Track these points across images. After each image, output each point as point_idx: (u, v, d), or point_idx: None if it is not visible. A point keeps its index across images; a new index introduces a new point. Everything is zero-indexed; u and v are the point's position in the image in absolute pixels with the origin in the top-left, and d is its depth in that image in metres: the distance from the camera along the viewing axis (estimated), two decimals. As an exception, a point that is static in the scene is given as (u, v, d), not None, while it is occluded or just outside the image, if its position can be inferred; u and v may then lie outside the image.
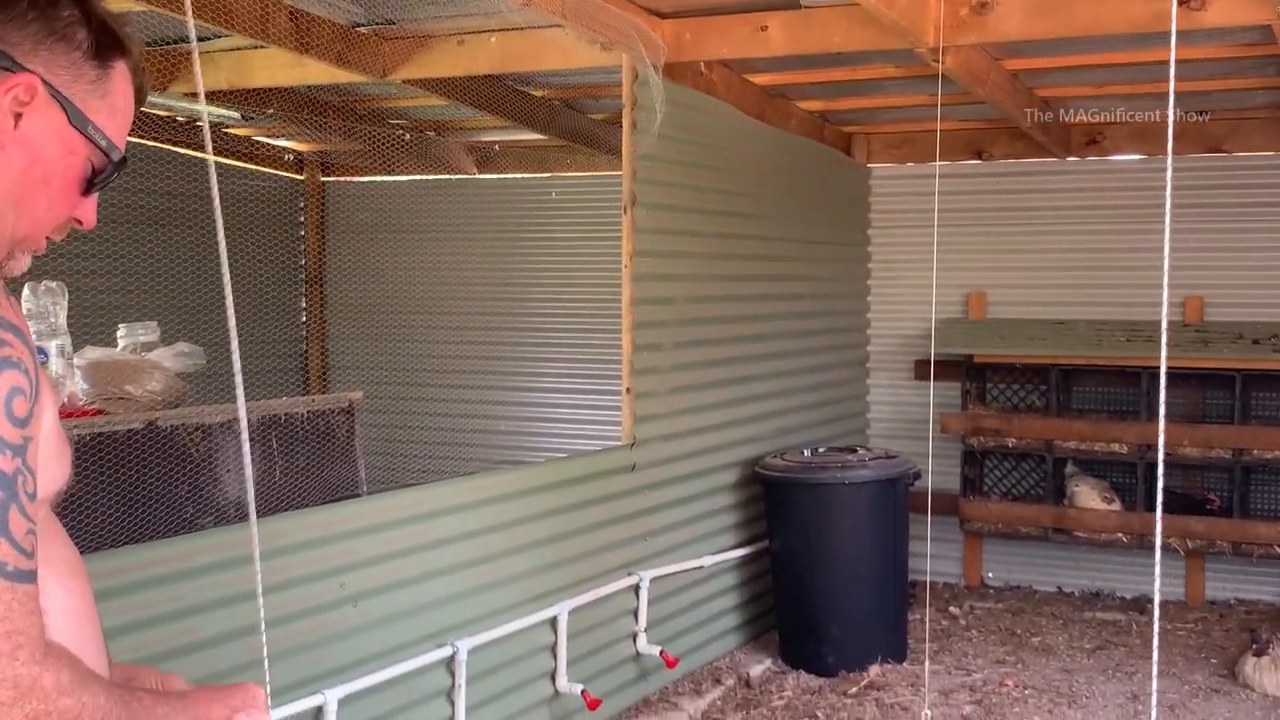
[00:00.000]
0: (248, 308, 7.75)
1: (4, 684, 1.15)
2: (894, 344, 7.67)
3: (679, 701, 5.21)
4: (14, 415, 1.22)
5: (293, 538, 3.52)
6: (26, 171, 1.37)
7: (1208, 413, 6.86)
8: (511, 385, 8.36)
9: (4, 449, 1.20)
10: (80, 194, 1.44)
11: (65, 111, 1.38)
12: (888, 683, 5.51)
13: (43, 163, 1.38)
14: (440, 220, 8.58)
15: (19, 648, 1.17)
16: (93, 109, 1.41)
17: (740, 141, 5.99)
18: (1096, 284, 7.15)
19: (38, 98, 1.35)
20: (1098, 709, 5.25)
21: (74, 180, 1.42)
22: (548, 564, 4.57)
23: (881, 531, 5.72)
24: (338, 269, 8.87)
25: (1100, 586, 7.21)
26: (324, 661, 3.57)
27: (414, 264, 8.59)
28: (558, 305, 8.27)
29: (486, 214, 8.46)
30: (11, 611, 1.18)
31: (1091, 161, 7.24)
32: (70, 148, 1.40)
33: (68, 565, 1.42)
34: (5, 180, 1.36)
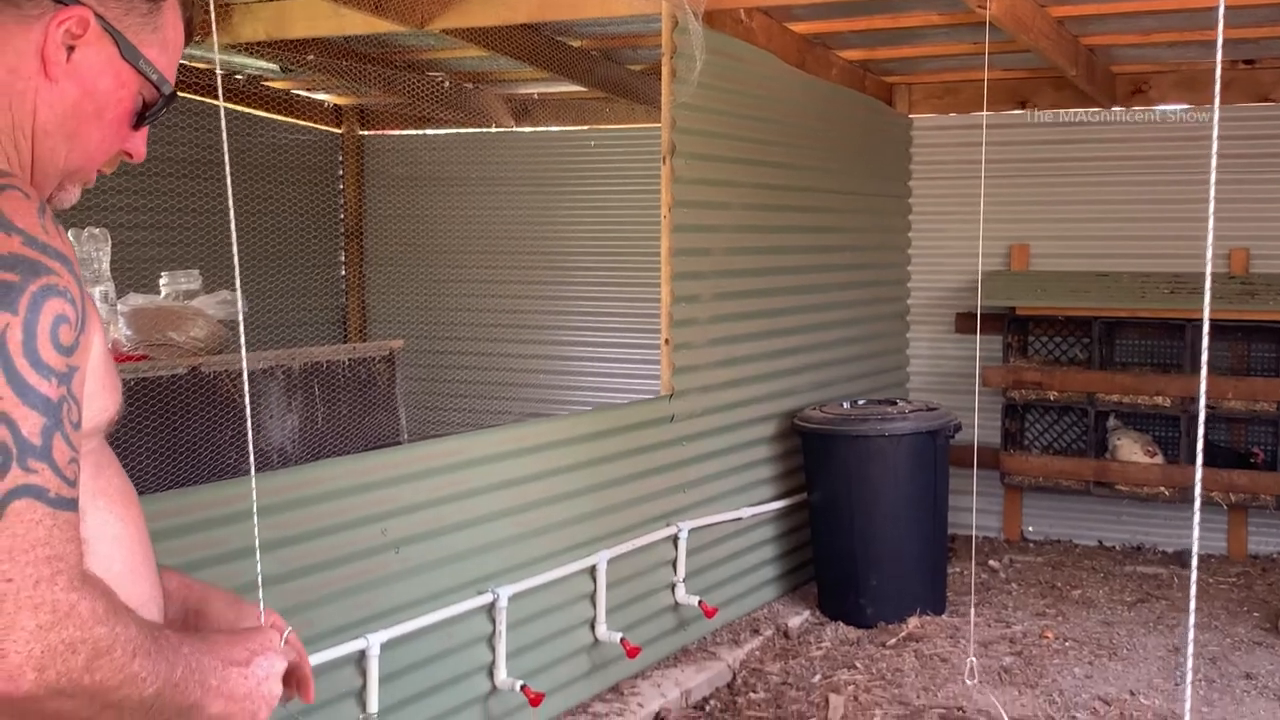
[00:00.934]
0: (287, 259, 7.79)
1: (42, 608, 1.16)
2: (935, 296, 7.61)
3: (717, 651, 5.22)
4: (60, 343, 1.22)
5: (335, 484, 3.54)
6: (79, 104, 1.37)
7: (1252, 366, 6.78)
8: (550, 337, 8.37)
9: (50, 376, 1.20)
10: (131, 127, 1.44)
11: (117, 45, 1.38)
12: (926, 634, 5.51)
13: (95, 96, 1.38)
14: (478, 173, 8.57)
15: (58, 573, 1.18)
16: (144, 42, 1.41)
17: (780, 91, 5.93)
18: (1141, 235, 7.07)
19: (90, 30, 1.35)
20: (1138, 661, 5.23)
21: (125, 113, 1.42)
22: (587, 513, 4.58)
23: (921, 484, 5.70)
24: (376, 222, 8.89)
25: (1141, 540, 7.17)
26: (367, 606, 3.60)
27: (452, 217, 8.59)
28: (597, 258, 8.26)
29: (525, 167, 8.44)
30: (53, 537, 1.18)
31: (1137, 111, 7.13)
32: (122, 81, 1.40)
33: (120, 494, 1.43)
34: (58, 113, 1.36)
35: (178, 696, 1.31)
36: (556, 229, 8.36)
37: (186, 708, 1.34)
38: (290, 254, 7.73)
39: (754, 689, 4.93)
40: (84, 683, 1.19)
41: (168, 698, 1.29)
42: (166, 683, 1.28)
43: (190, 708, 1.34)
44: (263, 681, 1.43)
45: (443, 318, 8.50)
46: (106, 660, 1.21)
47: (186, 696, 1.32)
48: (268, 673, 1.44)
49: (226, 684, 1.39)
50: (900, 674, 5.04)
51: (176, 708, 1.32)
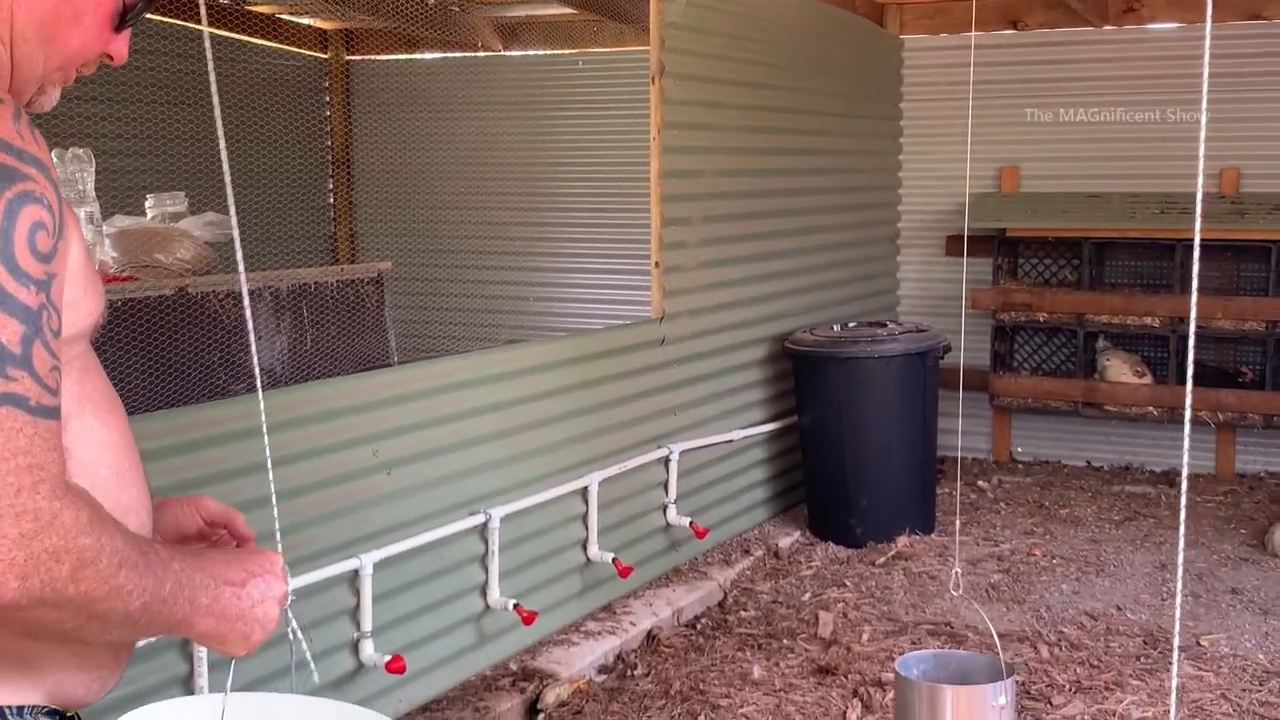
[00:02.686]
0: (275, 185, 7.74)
1: (25, 515, 1.15)
2: (925, 219, 7.59)
3: (708, 571, 5.28)
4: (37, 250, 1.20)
5: (325, 405, 3.55)
6: (57, 9, 1.35)
7: (1241, 285, 6.79)
8: (540, 262, 8.35)
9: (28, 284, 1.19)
10: (112, 30, 1.42)
11: None
12: (915, 553, 5.57)
13: (72, 1, 1.36)
14: (466, 97, 8.49)
15: (40, 482, 1.17)
16: None
17: (770, 11, 5.87)
18: (1131, 155, 7.04)
19: None
20: (1125, 577, 5.29)
21: (105, 17, 1.40)
22: (578, 436, 4.60)
23: (911, 405, 5.72)
24: (364, 147, 8.82)
25: (1130, 460, 7.22)
26: (359, 527, 3.63)
27: (440, 142, 8.52)
28: (586, 182, 8.21)
29: (513, 91, 8.36)
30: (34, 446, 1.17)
31: (1129, 30, 7.07)
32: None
33: (105, 400, 1.43)
34: (35, 19, 1.35)
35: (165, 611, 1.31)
36: (546, 153, 8.30)
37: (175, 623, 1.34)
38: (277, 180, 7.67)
39: (745, 607, 4.98)
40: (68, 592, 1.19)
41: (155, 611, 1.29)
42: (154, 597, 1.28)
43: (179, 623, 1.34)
44: (258, 604, 1.42)
45: (432, 243, 8.47)
46: (91, 570, 1.20)
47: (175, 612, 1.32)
48: (264, 595, 1.43)
49: (218, 603, 1.38)
50: (889, 591, 5.10)
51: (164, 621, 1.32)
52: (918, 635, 4.60)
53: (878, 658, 4.36)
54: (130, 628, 1.29)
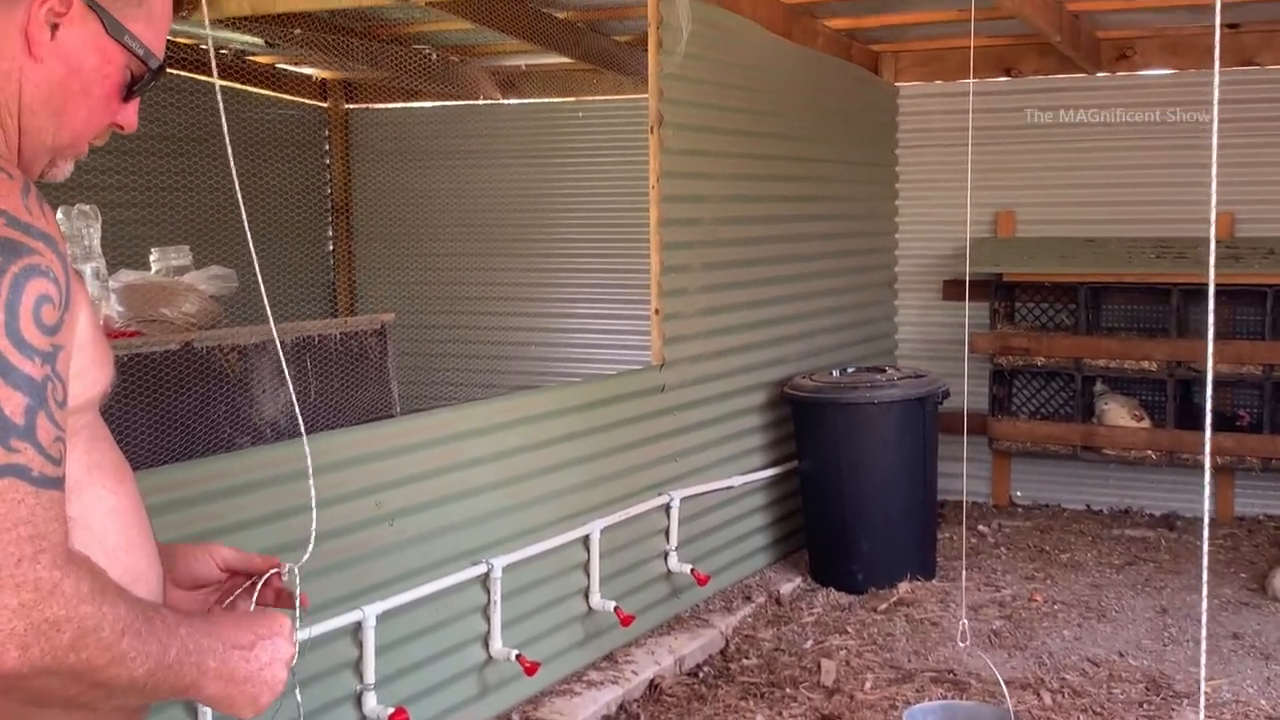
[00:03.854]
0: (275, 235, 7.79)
1: (25, 586, 1.16)
2: (922, 264, 7.64)
3: (710, 618, 5.27)
4: (43, 323, 1.23)
5: (329, 457, 3.56)
6: (65, 82, 1.38)
7: (1238, 329, 6.82)
8: (541, 309, 8.39)
9: (33, 356, 1.21)
10: (120, 100, 1.45)
11: (102, 21, 1.39)
12: (917, 599, 5.56)
13: (81, 73, 1.39)
14: (466, 146, 8.56)
15: (41, 551, 1.18)
16: (129, 17, 1.42)
17: (767, 60, 5.94)
18: (1126, 201, 7.10)
19: (74, 8, 1.36)
20: (1126, 623, 5.29)
21: (113, 88, 1.43)
22: (579, 484, 4.61)
23: (910, 450, 5.74)
24: (364, 196, 8.88)
25: (1129, 504, 7.23)
26: (362, 578, 3.63)
27: (440, 190, 8.58)
28: (586, 229, 8.26)
29: (512, 139, 8.44)
30: (35, 516, 1.19)
31: (1121, 77, 7.15)
32: (108, 57, 1.41)
33: (114, 467, 1.44)
34: (43, 91, 1.37)
35: (171, 676, 1.31)
36: (545, 201, 8.36)
37: (182, 687, 1.35)
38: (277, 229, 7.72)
39: (747, 655, 4.97)
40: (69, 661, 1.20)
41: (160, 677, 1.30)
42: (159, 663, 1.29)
43: (186, 687, 1.35)
44: (266, 666, 1.43)
45: (432, 291, 8.51)
46: (93, 639, 1.21)
47: (182, 677, 1.33)
48: (272, 658, 1.44)
49: (226, 666, 1.39)
50: (891, 638, 5.09)
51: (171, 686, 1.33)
52: (921, 683, 4.59)
53: (881, 706, 4.36)
54: (136, 694, 1.29)
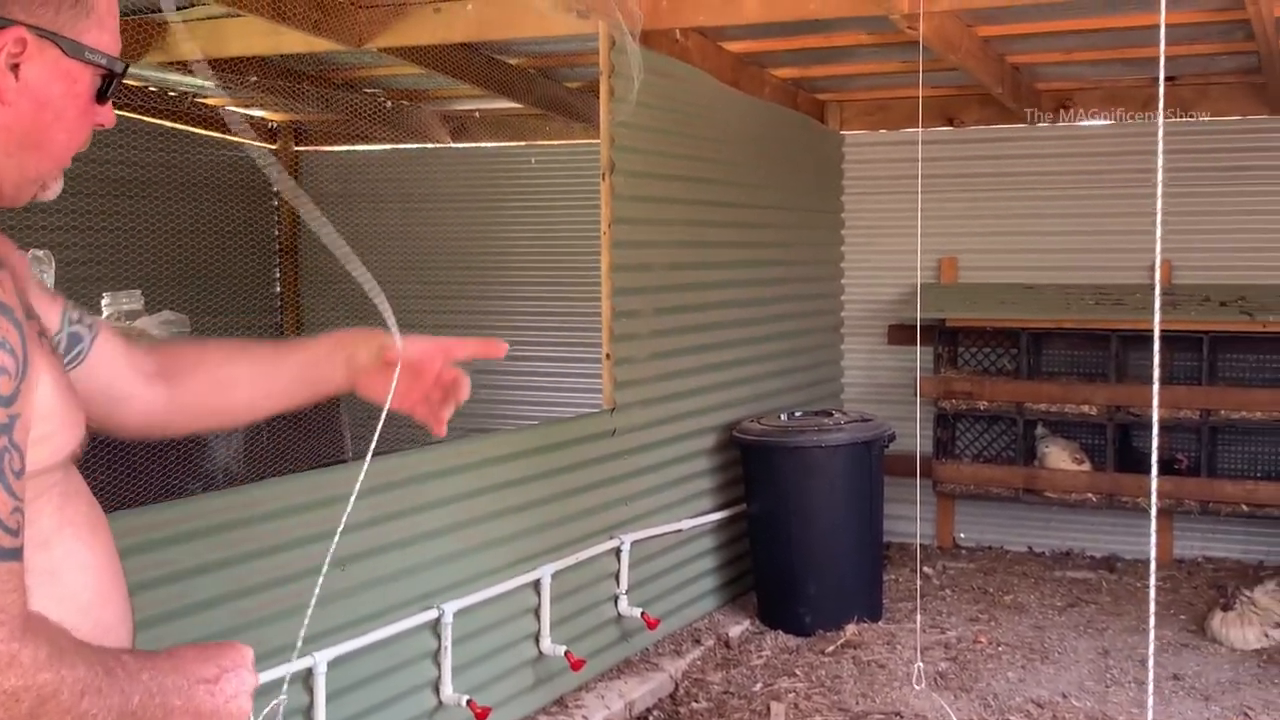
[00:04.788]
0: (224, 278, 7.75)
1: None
2: (868, 309, 7.75)
3: (660, 662, 5.29)
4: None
5: (281, 502, 3.56)
6: (38, 117, 1.40)
7: (1176, 374, 6.96)
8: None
9: None
10: (95, 104, 1.47)
11: (59, 46, 1.40)
12: (864, 641, 5.61)
13: (50, 104, 1.41)
14: (416, 190, 8.58)
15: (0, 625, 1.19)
16: (81, 30, 1.42)
17: (716, 109, 6.03)
18: (1065, 248, 7.25)
19: (29, 45, 1.37)
20: (1069, 664, 5.37)
21: (85, 104, 1.45)
22: (531, 528, 4.63)
23: (857, 493, 5.81)
24: (311, 239, 8.84)
25: (1070, 546, 7.34)
26: (314, 624, 3.61)
27: (390, 234, 8.58)
28: (537, 273, 8.30)
29: (463, 183, 8.47)
30: None
31: (1061, 127, 7.31)
32: (73, 78, 1.43)
33: (88, 521, 1.46)
34: (18, 133, 1.39)
35: None
36: (496, 245, 8.39)
37: None
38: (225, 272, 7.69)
39: (696, 699, 4.99)
40: None
41: None
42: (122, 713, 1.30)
43: None
44: (231, 699, 1.44)
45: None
46: (52, 705, 1.22)
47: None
48: (236, 690, 1.45)
49: (193, 702, 1.40)
50: (839, 680, 5.14)
51: None
52: (868, 725, 4.64)
53: (829, 749, 4.39)
54: None
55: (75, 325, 1.64)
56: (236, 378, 1.84)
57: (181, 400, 1.78)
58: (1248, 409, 6.61)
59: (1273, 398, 6.54)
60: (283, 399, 1.91)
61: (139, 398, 1.73)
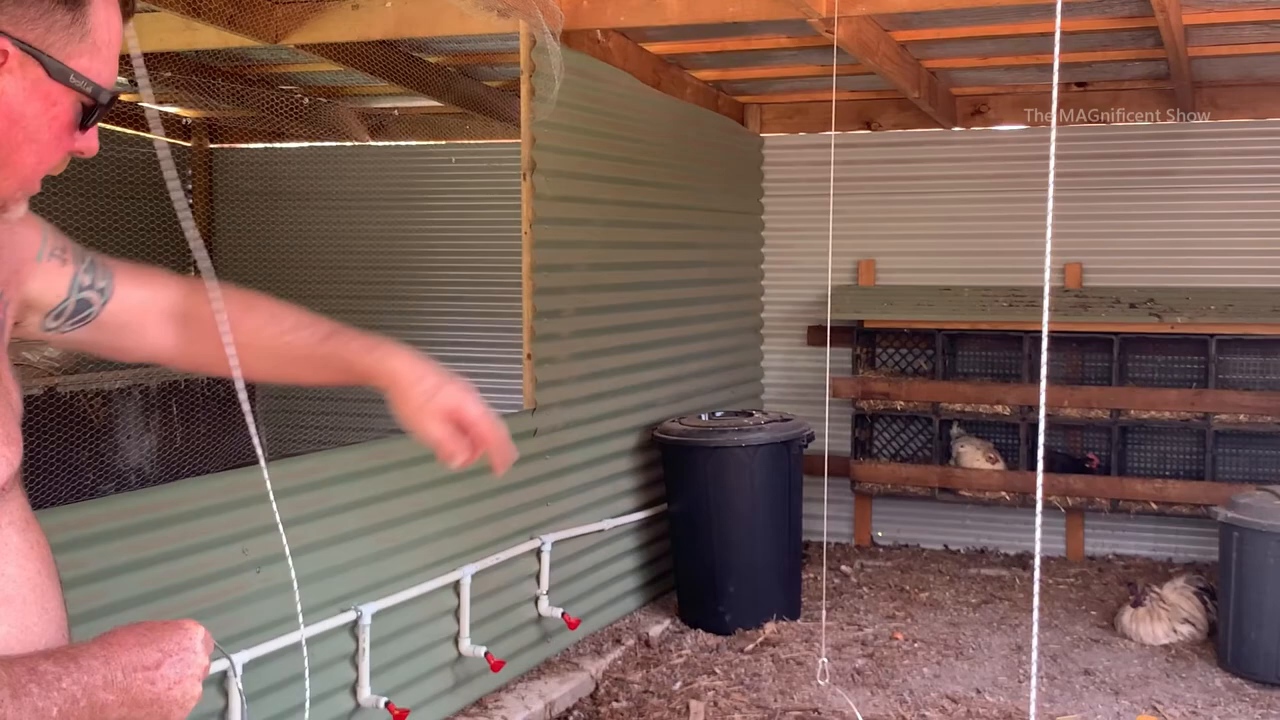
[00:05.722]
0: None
1: None
2: (787, 311, 7.81)
3: (580, 662, 5.28)
4: None
5: (194, 504, 3.50)
6: (8, 134, 1.34)
7: (1087, 375, 7.11)
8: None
9: None
10: (75, 132, 1.41)
11: (43, 66, 1.34)
12: (783, 639, 5.66)
13: (23, 123, 1.35)
14: (335, 188, 8.50)
15: None
16: (72, 54, 1.36)
17: (637, 110, 6.04)
18: (980, 251, 7.37)
19: (10, 58, 1.31)
20: (983, 660, 5.45)
21: (63, 129, 1.39)
22: (450, 529, 4.60)
23: (776, 493, 5.85)
24: (227, 237, 8.74)
25: (985, 544, 7.46)
26: (228, 626, 3.57)
27: (308, 232, 8.50)
28: (458, 273, 8.26)
29: (383, 182, 8.40)
30: None
31: (976, 131, 7.43)
32: (53, 100, 1.36)
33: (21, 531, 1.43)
34: None
35: None
36: (416, 244, 8.34)
37: None
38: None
39: (616, 698, 5.00)
40: None
41: None
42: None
43: None
44: (175, 685, 1.37)
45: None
46: None
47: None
48: (180, 675, 1.38)
49: (129, 693, 1.34)
50: (758, 678, 5.17)
51: None
52: (787, 722, 4.67)
53: (749, 746, 4.42)
54: None
55: (85, 291, 1.67)
56: (264, 352, 1.85)
57: (192, 352, 1.83)
58: (1156, 409, 6.76)
59: (1181, 398, 6.70)
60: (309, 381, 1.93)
61: (148, 341, 1.80)
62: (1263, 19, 5.36)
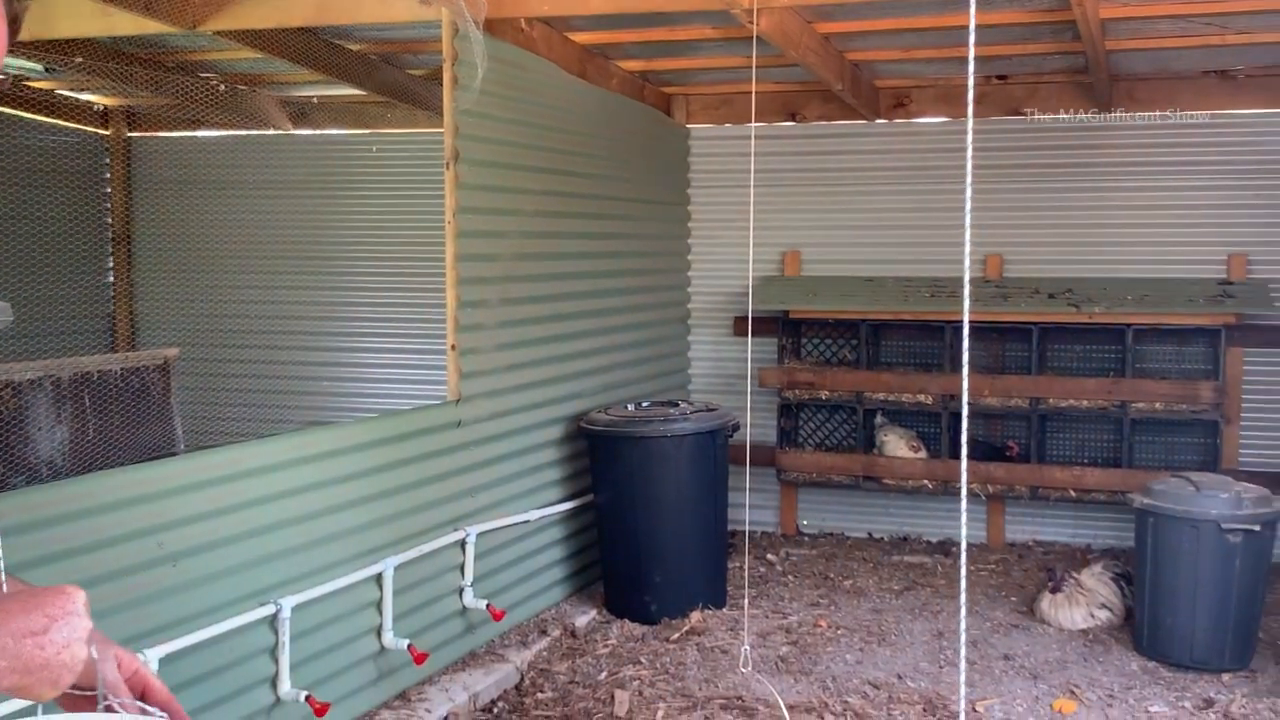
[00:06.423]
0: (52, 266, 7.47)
1: None
2: (714, 301, 7.84)
3: (505, 653, 5.27)
4: None
5: (108, 497, 3.45)
6: None
7: (1007, 364, 7.20)
8: (335, 344, 8.26)
9: None
10: None
11: None
12: (708, 627, 5.68)
13: None
14: (256, 177, 8.39)
15: None
16: None
17: (562, 100, 6.02)
18: (904, 242, 7.44)
19: None
20: (905, 646, 5.51)
21: None
22: (373, 521, 4.56)
23: (702, 483, 5.87)
24: (147, 226, 8.60)
25: (908, 531, 7.55)
26: (144, 620, 3.52)
27: (229, 221, 8.38)
28: (381, 263, 8.19)
29: (305, 171, 8.31)
30: None
31: (899, 124, 7.50)
32: None
33: None
34: None
35: None
36: (339, 234, 8.26)
37: None
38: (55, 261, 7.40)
39: (541, 689, 4.99)
40: None
41: None
42: None
43: None
44: (63, 649, 1.36)
45: (220, 325, 8.29)
46: None
47: None
48: (68, 639, 1.36)
49: (19, 659, 1.33)
50: (683, 667, 5.19)
51: None
52: (711, 710, 4.69)
53: (673, 735, 4.43)
54: None
55: None
56: None
57: None
58: (1075, 397, 6.87)
59: (1099, 386, 6.82)
60: None
61: None
62: (1176, 13, 5.47)
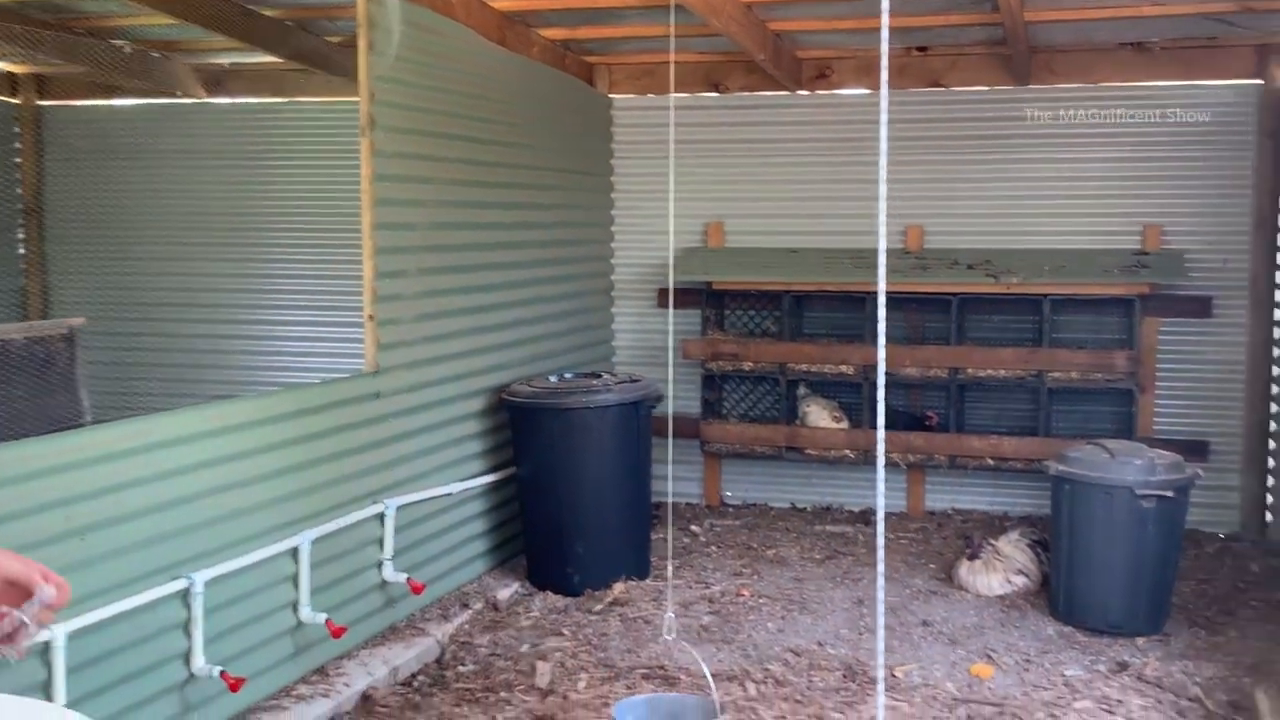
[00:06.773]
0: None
1: None
2: (638, 272, 7.82)
3: (426, 627, 5.23)
4: None
5: (11, 470, 3.35)
6: None
7: (927, 335, 7.26)
8: (250, 315, 8.13)
9: None
10: None
11: None
12: (631, 599, 5.68)
13: None
14: (170, 146, 8.22)
15: None
16: None
17: (482, 67, 5.95)
18: (826, 214, 7.46)
19: None
20: (826, 614, 5.55)
21: None
22: (289, 493, 4.49)
23: (625, 454, 5.86)
24: (58, 196, 8.40)
25: (830, 501, 7.60)
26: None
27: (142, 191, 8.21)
28: (298, 233, 8.07)
29: (220, 139, 8.16)
30: None
31: (821, 95, 7.51)
32: None
33: None
34: None
35: None
36: (254, 203, 8.12)
37: None
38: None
39: (463, 662, 4.96)
40: None
41: None
42: None
43: None
44: None
45: (133, 296, 8.13)
46: None
47: None
48: None
49: None
50: (606, 638, 5.18)
51: None
52: (633, 680, 4.69)
53: (593, 705, 4.43)
54: None
55: None
56: None
57: None
58: (992, 367, 6.95)
59: (1016, 356, 6.89)
60: None
61: None
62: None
